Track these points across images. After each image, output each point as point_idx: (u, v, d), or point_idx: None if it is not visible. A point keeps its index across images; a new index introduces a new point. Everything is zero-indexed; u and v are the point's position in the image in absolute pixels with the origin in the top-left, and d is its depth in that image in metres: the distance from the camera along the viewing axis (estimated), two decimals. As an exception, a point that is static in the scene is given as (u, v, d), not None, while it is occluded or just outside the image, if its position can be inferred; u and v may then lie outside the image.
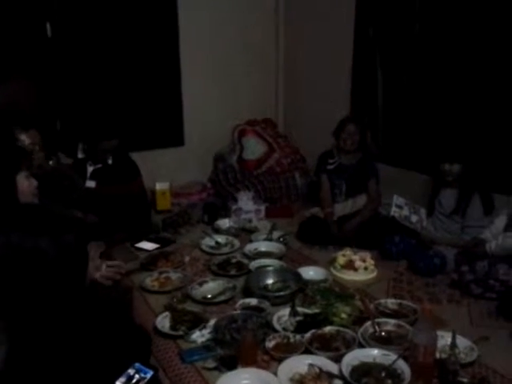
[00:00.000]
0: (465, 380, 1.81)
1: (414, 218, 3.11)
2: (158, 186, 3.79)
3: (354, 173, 3.35)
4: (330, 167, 3.42)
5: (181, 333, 2.16)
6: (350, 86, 3.89)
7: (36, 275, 1.29)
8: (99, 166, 3.20)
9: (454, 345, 1.95)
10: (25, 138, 2.41)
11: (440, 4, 3.22)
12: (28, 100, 3.54)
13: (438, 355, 1.88)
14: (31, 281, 1.29)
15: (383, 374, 1.83)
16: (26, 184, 1.92)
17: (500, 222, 2.74)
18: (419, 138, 3.52)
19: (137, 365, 1.67)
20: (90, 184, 3.17)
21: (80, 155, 3.19)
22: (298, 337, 2.08)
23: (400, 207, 3.10)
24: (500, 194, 2.91)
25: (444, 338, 2.00)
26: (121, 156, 3.27)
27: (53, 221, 1.37)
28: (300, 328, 2.16)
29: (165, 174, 3.93)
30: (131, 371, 1.64)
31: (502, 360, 2.00)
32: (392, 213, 3.05)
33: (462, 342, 2.02)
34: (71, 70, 3.70)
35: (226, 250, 3.12)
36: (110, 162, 3.22)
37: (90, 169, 3.20)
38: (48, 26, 3.55)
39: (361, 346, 2.03)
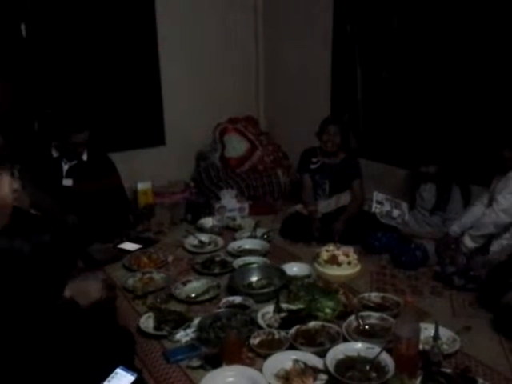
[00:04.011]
0: (448, 370, 1.83)
1: (395, 213, 3.13)
2: (140, 186, 3.76)
3: (338, 173, 3.35)
4: (313, 166, 3.41)
5: (165, 333, 2.14)
6: (330, 82, 3.90)
7: (14, 274, 1.28)
8: (74, 162, 3.15)
9: (436, 336, 1.98)
10: None
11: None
12: (4, 101, 3.49)
13: (421, 347, 1.90)
14: (10, 280, 1.28)
15: (368, 368, 1.84)
16: None
17: (470, 214, 2.76)
18: (399, 133, 3.54)
19: (120, 368, 1.65)
20: (67, 182, 3.11)
21: (54, 154, 3.14)
22: (282, 333, 2.08)
23: (381, 203, 3.13)
24: (477, 185, 2.94)
25: (427, 330, 2.02)
26: (95, 152, 3.23)
27: (27, 222, 1.36)
28: (284, 324, 2.16)
29: (147, 173, 3.89)
30: (114, 375, 1.62)
31: (483, 349, 2.03)
32: (373, 209, 3.08)
33: (445, 333, 2.04)
34: (48, 71, 3.64)
35: (209, 248, 3.11)
36: (84, 158, 3.17)
37: (65, 167, 3.14)
38: (23, 26, 3.49)
39: (345, 340, 2.04)
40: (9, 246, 1.29)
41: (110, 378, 1.55)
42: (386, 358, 1.85)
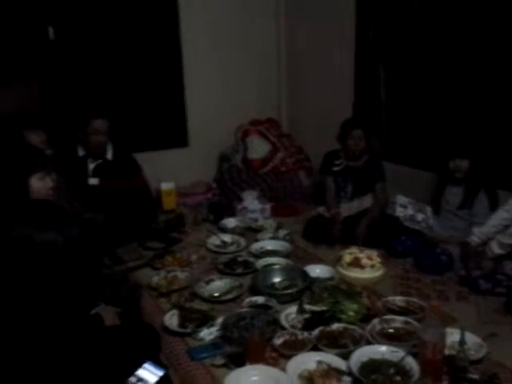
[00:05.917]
0: (475, 376, 1.80)
1: (419, 217, 3.09)
2: (164, 187, 3.80)
3: (361, 175, 3.33)
4: (336, 169, 3.40)
5: (189, 330, 2.16)
6: (353, 84, 3.89)
7: (48, 266, 1.33)
8: (100, 161, 3.20)
9: (462, 341, 1.95)
10: (33, 138, 2.44)
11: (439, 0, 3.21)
12: (32, 102, 3.57)
13: (446, 352, 1.88)
14: (45, 272, 1.33)
15: (392, 371, 1.83)
16: (40, 185, 1.97)
17: (492, 222, 2.71)
18: (424, 136, 3.51)
19: (147, 364, 1.67)
20: (93, 181, 3.16)
21: (80, 153, 3.19)
22: (305, 334, 2.08)
23: (404, 207, 3.09)
24: (504, 190, 2.89)
25: (453, 335, 1.99)
26: (120, 151, 3.28)
27: (59, 216, 1.41)
28: (308, 325, 2.17)
29: (170, 174, 3.92)
30: (143, 369, 1.64)
31: (510, 356, 1.99)
32: (397, 213, 3.05)
33: (471, 339, 2.01)
34: (74, 72, 3.71)
35: (232, 248, 3.13)
36: (109, 157, 3.22)
37: (91, 166, 3.19)
38: (50, 29, 3.57)
39: (368, 343, 2.03)
40: (42, 239, 1.34)
41: (138, 371, 1.58)
42: (411, 362, 1.83)
